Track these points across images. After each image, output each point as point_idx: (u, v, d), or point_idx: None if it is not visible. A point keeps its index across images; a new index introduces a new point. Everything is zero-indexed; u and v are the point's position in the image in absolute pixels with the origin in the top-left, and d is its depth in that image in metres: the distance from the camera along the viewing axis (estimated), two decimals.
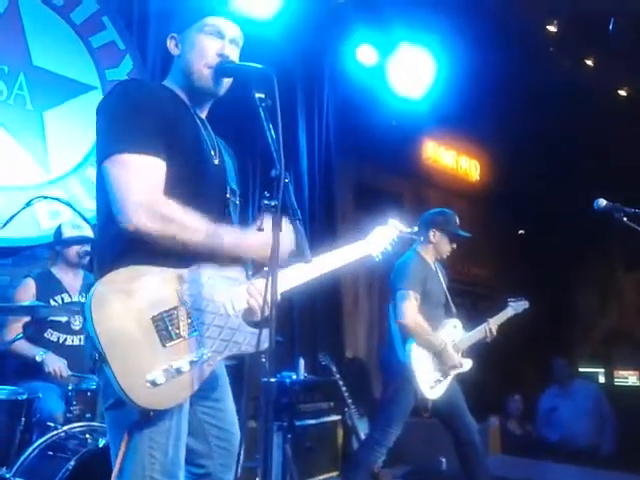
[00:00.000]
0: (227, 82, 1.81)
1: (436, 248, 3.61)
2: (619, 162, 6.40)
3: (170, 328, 1.55)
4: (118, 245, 1.60)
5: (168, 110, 1.68)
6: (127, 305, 1.52)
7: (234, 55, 1.80)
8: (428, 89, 5.83)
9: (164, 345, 1.53)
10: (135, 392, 1.47)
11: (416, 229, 2.54)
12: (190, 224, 1.57)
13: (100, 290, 1.51)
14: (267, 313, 1.49)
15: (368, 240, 2.14)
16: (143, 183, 1.56)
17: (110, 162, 1.58)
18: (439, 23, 5.24)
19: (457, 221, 3.64)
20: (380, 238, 2.17)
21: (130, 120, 1.61)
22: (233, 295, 1.69)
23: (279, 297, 1.47)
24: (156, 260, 1.58)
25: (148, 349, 1.51)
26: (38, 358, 3.02)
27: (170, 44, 1.82)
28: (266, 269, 1.66)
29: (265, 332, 1.60)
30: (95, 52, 4.29)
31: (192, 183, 1.69)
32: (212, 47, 1.75)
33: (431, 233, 3.59)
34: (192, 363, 1.56)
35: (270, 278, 1.44)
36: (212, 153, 1.80)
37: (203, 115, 1.87)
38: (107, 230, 1.64)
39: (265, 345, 1.61)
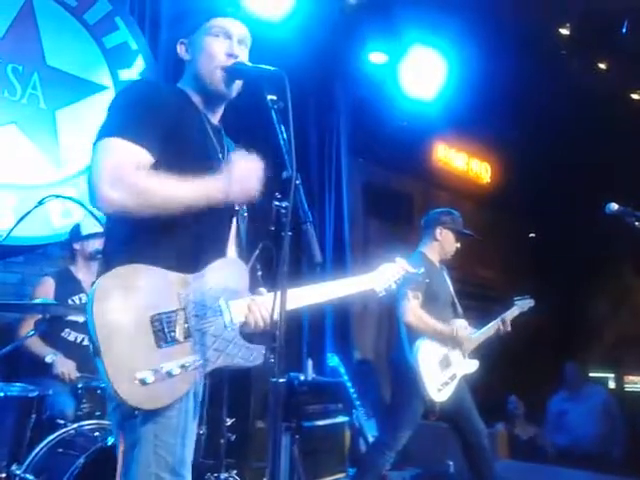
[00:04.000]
0: (238, 84, 1.81)
1: (442, 246, 3.62)
2: (631, 166, 6.34)
3: (166, 330, 1.56)
4: (125, 244, 1.62)
5: (172, 110, 1.69)
6: (128, 301, 1.53)
7: (243, 55, 1.80)
8: (439, 91, 5.82)
9: (159, 346, 1.54)
10: (124, 388, 1.48)
11: (422, 270, 2.54)
12: (152, 184, 1.54)
13: (104, 283, 1.52)
14: (263, 330, 1.57)
15: (374, 275, 2.16)
16: (117, 161, 1.55)
17: (98, 145, 1.59)
18: (451, 25, 5.23)
19: (462, 222, 3.66)
20: (386, 275, 2.18)
21: (126, 111, 1.64)
22: (233, 308, 1.70)
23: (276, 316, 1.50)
24: (162, 261, 1.59)
25: (142, 348, 1.52)
26: (48, 359, 3.04)
27: (180, 49, 1.83)
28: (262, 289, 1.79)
29: (259, 348, 1.70)
30: (108, 52, 4.31)
31: None
32: (221, 48, 1.76)
33: (438, 230, 3.61)
34: (183, 367, 1.56)
35: (278, 292, 1.49)
36: (220, 156, 1.80)
37: (215, 119, 1.87)
38: (115, 229, 1.67)
39: (257, 361, 1.66)
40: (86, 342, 3.20)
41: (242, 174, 1.64)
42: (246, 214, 1.88)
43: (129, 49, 4.38)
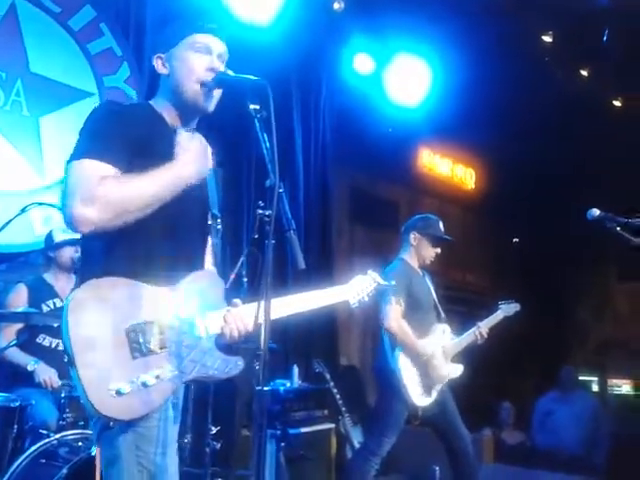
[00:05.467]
0: (216, 97, 1.82)
1: (418, 252, 3.63)
2: (613, 170, 6.44)
3: (142, 341, 1.56)
4: (101, 257, 1.63)
5: (140, 126, 1.70)
6: (103, 313, 1.53)
7: (221, 70, 1.81)
8: (424, 98, 5.87)
9: (134, 357, 1.55)
10: (98, 400, 1.48)
11: (394, 282, 2.56)
12: (119, 189, 1.56)
13: (80, 295, 1.53)
14: (238, 342, 1.61)
15: (348, 287, 2.19)
16: (84, 181, 1.55)
17: (67, 170, 1.61)
18: (436, 33, 5.28)
19: (441, 226, 3.67)
20: (359, 287, 2.22)
21: (92, 131, 1.66)
22: (208, 319, 1.71)
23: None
24: (138, 274, 1.60)
25: (117, 359, 1.52)
26: (30, 368, 3.02)
27: (157, 64, 1.83)
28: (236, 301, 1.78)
29: (235, 359, 1.71)
30: (92, 59, 4.29)
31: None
32: (202, 63, 1.78)
33: (412, 236, 3.62)
34: (158, 378, 1.57)
35: (263, 300, 1.51)
36: None
37: None
38: (90, 242, 1.67)
39: (233, 372, 1.66)
40: (61, 347, 3.17)
41: (192, 153, 1.68)
42: (220, 227, 1.88)
43: (114, 55, 4.37)
